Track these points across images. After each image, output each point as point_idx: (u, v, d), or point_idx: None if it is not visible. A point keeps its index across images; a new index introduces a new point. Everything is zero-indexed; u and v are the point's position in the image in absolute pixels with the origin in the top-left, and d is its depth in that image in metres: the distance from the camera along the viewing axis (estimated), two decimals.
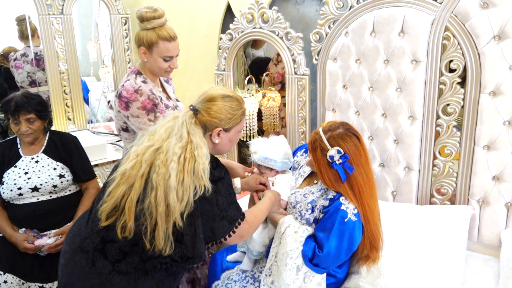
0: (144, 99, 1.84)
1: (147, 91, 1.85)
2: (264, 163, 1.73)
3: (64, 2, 2.89)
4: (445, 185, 1.87)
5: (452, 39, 1.73)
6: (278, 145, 1.74)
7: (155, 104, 1.87)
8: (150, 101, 1.85)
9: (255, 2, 2.24)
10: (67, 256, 1.38)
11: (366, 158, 1.50)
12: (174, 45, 1.84)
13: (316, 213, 1.52)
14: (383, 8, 1.88)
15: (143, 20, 1.81)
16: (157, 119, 1.85)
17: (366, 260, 1.52)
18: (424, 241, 1.64)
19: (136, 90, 1.84)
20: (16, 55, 2.92)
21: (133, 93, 1.83)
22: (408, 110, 1.88)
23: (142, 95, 1.84)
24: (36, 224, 2.02)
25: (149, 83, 1.91)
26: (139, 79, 1.89)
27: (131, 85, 1.85)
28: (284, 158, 1.73)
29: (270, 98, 2.53)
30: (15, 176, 1.99)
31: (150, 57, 1.85)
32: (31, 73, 2.96)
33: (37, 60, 2.99)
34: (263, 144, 1.76)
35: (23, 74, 2.93)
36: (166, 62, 1.85)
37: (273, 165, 1.72)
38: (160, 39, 1.80)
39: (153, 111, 1.86)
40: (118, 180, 1.32)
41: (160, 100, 1.91)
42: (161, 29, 1.81)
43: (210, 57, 2.89)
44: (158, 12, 1.80)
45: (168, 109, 1.93)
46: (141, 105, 1.83)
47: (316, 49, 2.12)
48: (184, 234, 1.29)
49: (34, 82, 2.99)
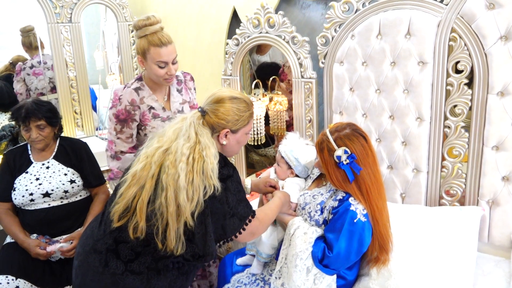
0: (120, 108, 1.88)
1: (126, 102, 1.87)
2: (287, 158, 1.75)
3: (72, 11, 2.94)
4: (454, 186, 1.87)
5: (458, 40, 1.74)
6: (309, 152, 1.77)
7: (130, 117, 1.88)
8: (126, 112, 1.87)
9: (261, 7, 2.26)
10: (81, 258, 1.40)
11: (373, 158, 1.50)
12: (166, 51, 1.80)
13: (326, 214, 1.52)
14: (389, 10, 1.89)
15: (137, 28, 1.81)
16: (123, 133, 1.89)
17: (376, 262, 1.52)
18: (434, 242, 1.63)
19: (119, 97, 1.89)
20: (31, 62, 2.96)
21: (116, 99, 1.90)
22: (415, 112, 1.88)
23: (121, 104, 1.88)
24: (47, 229, 2.04)
25: (145, 90, 1.92)
26: (134, 85, 1.91)
27: (119, 90, 1.90)
28: (306, 166, 1.75)
29: (277, 102, 2.54)
30: (26, 182, 2.01)
31: (146, 64, 1.85)
32: (53, 79, 3.00)
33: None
34: (298, 141, 1.79)
35: (45, 80, 2.97)
36: (161, 69, 1.83)
37: (294, 164, 1.74)
38: (151, 45, 1.78)
39: (124, 122, 1.89)
40: (129, 182, 1.34)
41: (148, 109, 1.91)
42: (152, 35, 1.78)
43: (217, 63, 2.91)
44: (151, 20, 1.78)
45: (155, 119, 1.93)
46: (116, 112, 1.88)
47: (322, 52, 2.14)
48: (195, 233, 1.31)
49: (54, 88, 3.04)
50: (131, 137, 1.93)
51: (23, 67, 2.93)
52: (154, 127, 1.93)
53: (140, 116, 1.92)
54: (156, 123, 1.93)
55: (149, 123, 1.92)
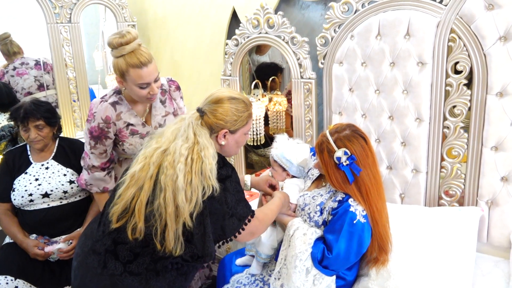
0: (94, 125, 1.78)
1: (100, 119, 1.77)
2: (280, 161, 1.75)
3: (71, 11, 2.93)
4: (453, 186, 1.87)
5: (457, 41, 1.74)
6: (301, 151, 1.76)
7: (103, 134, 1.79)
8: (99, 129, 1.78)
9: (261, 8, 2.26)
10: (79, 258, 1.40)
11: (373, 160, 1.50)
12: (147, 71, 1.65)
13: (325, 215, 1.52)
14: (388, 11, 1.89)
15: (111, 47, 1.66)
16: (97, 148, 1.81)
17: (375, 263, 1.52)
18: (433, 243, 1.63)
19: (93, 113, 1.78)
20: (14, 65, 2.95)
21: (91, 114, 1.80)
22: (414, 112, 1.89)
23: (94, 120, 1.78)
24: (46, 229, 2.04)
25: (123, 105, 1.81)
26: (112, 99, 1.80)
27: (95, 105, 1.79)
28: (300, 165, 1.74)
29: (277, 103, 2.54)
30: (25, 182, 2.02)
31: (126, 85, 1.72)
32: (38, 77, 2.99)
33: (40, 65, 3.03)
34: (287, 143, 1.79)
35: (30, 79, 2.96)
36: (143, 89, 1.69)
37: (288, 166, 1.74)
38: (130, 66, 1.63)
39: (97, 139, 1.80)
40: (127, 183, 1.34)
41: (125, 126, 1.82)
42: (130, 55, 1.63)
43: (216, 63, 2.91)
44: (126, 38, 1.62)
45: (134, 136, 1.85)
46: (90, 128, 1.80)
47: (322, 53, 2.14)
48: (194, 234, 1.31)
49: (42, 85, 3.02)
50: (105, 152, 1.86)
51: (5, 70, 2.93)
52: (132, 145, 1.86)
53: (117, 132, 1.83)
54: (134, 140, 1.86)
55: (126, 140, 1.85)
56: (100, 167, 1.89)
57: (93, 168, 1.89)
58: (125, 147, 1.87)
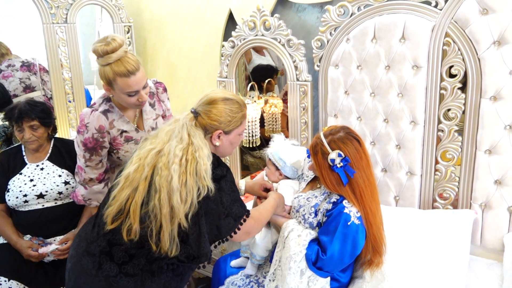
0: (88, 136, 1.74)
1: (93, 129, 1.73)
2: (273, 160, 1.75)
3: (68, 11, 2.93)
4: (447, 189, 1.88)
5: (452, 45, 1.75)
6: (296, 153, 1.77)
7: (98, 145, 1.76)
8: (93, 140, 1.74)
9: (257, 10, 2.27)
10: (74, 260, 1.39)
11: (367, 162, 1.51)
12: (135, 80, 1.62)
13: (320, 216, 1.53)
14: (384, 15, 1.90)
15: (97, 55, 1.62)
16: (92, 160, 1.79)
17: (369, 265, 1.53)
18: (427, 245, 1.64)
19: (86, 124, 1.74)
20: (0, 67, 2.95)
21: (83, 125, 1.75)
22: (409, 115, 1.90)
23: (88, 131, 1.73)
24: (41, 230, 2.03)
25: (114, 112, 1.78)
26: (102, 107, 1.77)
27: (86, 115, 1.74)
28: (293, 166, 1.75)
29: (272, 105, 2.55)
30: (20, 183, 2.01)
31: (114, 93, 1.68)
32: (24, 79, 2.98)
33: (27, 67, 3.01)
34: (284, 143, 1.80)
35: (15, 81, 2.95)
36: (132, 97, 1.67)
37: (281, 165, 1.74)
38: (117, 75, 1.60)
39: (93, 150, 1.76)
40: (122, 184, 1.34)
41: (119, 134, 1.80)
42: (117, 64, 1.59)
43: (213, 65, 2.91)
44: (112, 46, 1.57)
45: (128, 143, 1.83)
46: (83, 140, 1.75)
47: (317, 55, 2.15)
48: (189, 235, 1.31)
49: (28, 87, 3.00)
50: (101, 162, 1.84)
51: None
52: (128, 151, 1.84)
53: (111, 140, 1.80)
54: (130, 147, 1.84)
55: (121, 147, 1.83)
56: (98, 179, 1.87)
57: (90, 182, 1.87)
58: (121, 154, 1.86)
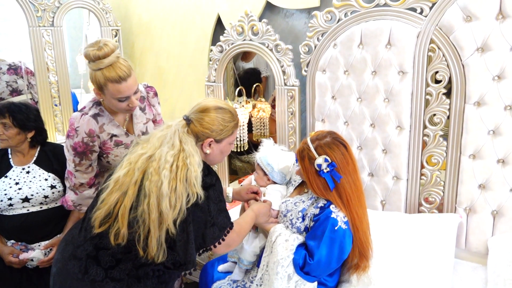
0: (77, 140, 1.72)
1: (83, 133, 1.71)
2: (261, 165, 1.76)
3: (54, 14, 2.90)
4: (432, 193, 1.90)
5: (437, 51, 1.78)
6: (284, 158, 1.77)
7: (88, 149, 1.74)
8: (83, 144, 1.73)
9: (245, 15, 2.28)
10: (59, 264, 1.37)
11: (353, 167, 1.52)
12: (125, 86, 1.60)
13: (307, 221, 1.53)
14: (370, 21, 1.93)
15: (88, 60, 1.60)
16: (82, 165, 1.77)
17: (356, 269, 1.53)
18: (413, 249, 1.66)
19: (76, 128, 1.72)
20: None
21: (72, 129, 1.73)
22: (395, 120, 1.92)
23: (78, 135, 1.72)
24: (25, 235, 2.00)
25: (104, 116, 1.77)
26: (92, 111, 1.75)
27: (76, 119, 1.73)
28: (281, 171, 1.75)
29: (260, 109, 2.55)
30: (5, 186, 1.97)
31: (104, 97, 1.67)
32: (10, 82, 2.95)
33: (13, 70, 2.98)
34: (272, 148, 1.80)
35: (2, 84, 2.91)
36: (122, 102, 1.65)
37: (269, 171, 1.74)
38: (109, 81, 1.58)
39: (82, 154, 1.75)
40: (111, 187, 1.33)
41: (109, 138, 1.78)
42: (109, 69, 1.57)
43: (201, 69, 2.91)
44: (104, 51, 1.55)
45: (118, 147, 1.82)
46: (73, 145, 1.73)
47: (305, 60, 2.16)
48: (176, 241, 1.30)
49: (15, 91, 2.97)
50: (90, 166, 1.82)
51: None
52: (118, 156, 1.83)
53: (101, 145, 1.79)
54: (119, 151, 1.83)
55: (111, 151, 1.82)
56: (88, 184, 1.85)
57: (81, 187, 1.85)
58: (110, 159, 1.84)
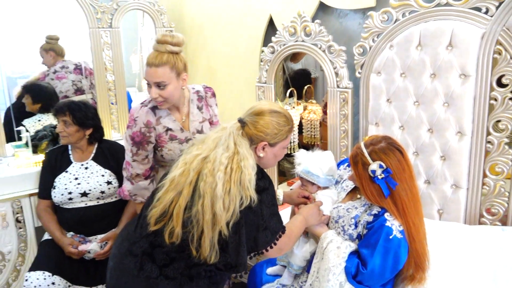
0: (136, 130, 1.81)
1: (141, 123, 1.80)
2: (306, 177, 1.71)
3: (112, 16, 3.02)
4: (495, 204, 1.79)
5: (504, 53, 1.67)
6: (323, 161, 1.70)
7: (145, 139, 1.82)
8: (141, 134, 1.81)
9: (298, 16, 2.26)
10: (116, 259, 1.43)
11: (410, 173, 1.46)
12: (149, 71, 1.72)
13: (360, 228, 1.49)
14: (430, 21, 1.84)
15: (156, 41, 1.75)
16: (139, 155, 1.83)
17: (411, 280, 1.47)
18: (473, 263, 1.56)
19: (135, 118, 1.81)
20: (55, 68, 3.07)
21: (132, 120, 1.82)
22: (456, 126, 1.83)
23: (136, 125, 1.81)
24: (83, 228, 2.10)
25: (162, 110, 1.84)
26: (152, 103, 1.83)
27: (136, 110, 1.83)
28: (327, 175, 1.70)
29: (311, 111, 2.52)
30: (66, 181, 2.09)
31: None
32: (76, 81, 3.11)
33: (79, 69, 3.14)
34: (308, 157, 1.73)
35: (68, 83, 3.08)
36: (148, 87, 1.76)
37: (316, 180, 1.69)
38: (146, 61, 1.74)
39: (139, 144, 1.82)
40: (167, 186, 1.36)
41: (164, 131, 1.84)
42: (152, 52, 1.73)
43: (252, 70, 2.92)
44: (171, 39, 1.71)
45: (173, 141, 1.87)
46: (132, 134, 1.81)
47: (359, 62, 2.11)
48: (229, 243, 1.31)
49: (79, 90, 3.13)
50: (147, 158, 1.88)
51: (47, 73, 3.05)
52: (171, 150, 1.88)
53: (156, 137, 1.85)
54: (173, 146, 1.88)
55: (165, 145, 1.87)
56: (144, 175, 1.91)
57: (137, 177, 1.91)
58: (164, 152, 1.89)
